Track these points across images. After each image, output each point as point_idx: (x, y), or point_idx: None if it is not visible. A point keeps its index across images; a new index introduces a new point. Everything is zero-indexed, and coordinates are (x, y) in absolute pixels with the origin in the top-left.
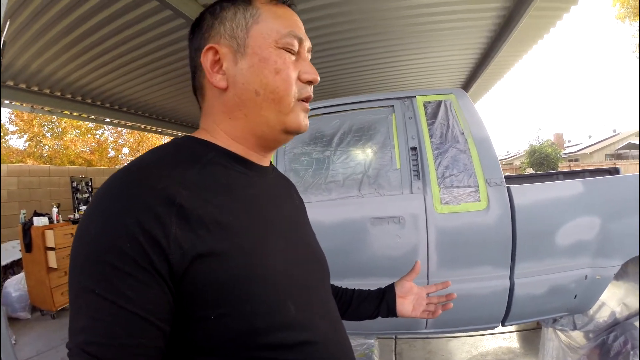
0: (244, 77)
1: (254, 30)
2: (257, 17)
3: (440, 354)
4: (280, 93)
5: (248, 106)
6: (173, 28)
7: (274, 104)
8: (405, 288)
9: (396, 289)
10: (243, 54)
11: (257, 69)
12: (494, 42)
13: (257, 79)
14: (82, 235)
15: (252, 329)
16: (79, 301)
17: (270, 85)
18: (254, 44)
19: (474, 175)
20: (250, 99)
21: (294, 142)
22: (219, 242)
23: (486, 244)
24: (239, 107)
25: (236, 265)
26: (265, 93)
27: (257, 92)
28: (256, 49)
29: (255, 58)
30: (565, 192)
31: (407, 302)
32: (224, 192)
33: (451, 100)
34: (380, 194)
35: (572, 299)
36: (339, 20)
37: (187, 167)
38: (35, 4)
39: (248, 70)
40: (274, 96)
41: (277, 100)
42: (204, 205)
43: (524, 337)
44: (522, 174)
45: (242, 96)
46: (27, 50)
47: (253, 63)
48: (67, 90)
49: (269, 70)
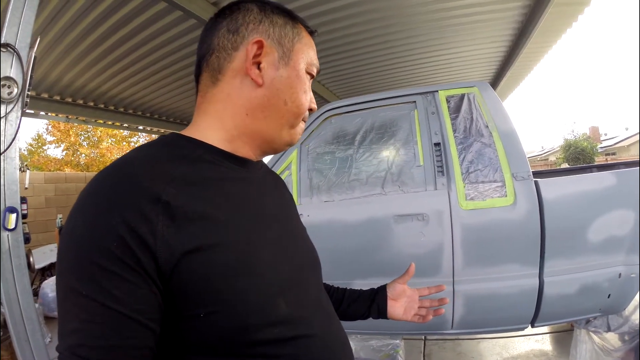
0: (281, 84)
1: (297, 47)
2: (300, 38)
3: (469, 356)
4: (301, 110)
5: (272, 111)
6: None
7: (294, 117)
8: (398, 290)
9: (388, 291)
10: (286, 63)
11: (293, 82)
12: (521, 33)
13: (290, 91)
14: (68, 235)
15: (243, 325)
16: (67, 303)
17: (297, 101)
18: (296, 59)
19: (499, 169)
20: (276, 105)
21: (317, 142)
22: (206, 239)
23: (514, 241)
24: (264, 109)
25: (224, 262)
26: (292, 106)
27: (286, 102)
28: (297, 64)
29: (294, 72)
30: (597, 185)
31: (399, 305)
32: (211, 189)
33: (474, 93)
34: (404, 191)
35: (605, 298)
36: (363, 18)
37: (173, 165)
38: (65, 20)
39: (286, 79)
40: (297, 111)
41: (297, 115)
42: (191, 202)
43: (556, 339)
44: (554, 168)
45: (272, 100)
46: (59, 64)
47: (291, 75)
48: (99, 100)
49: (300, 88)
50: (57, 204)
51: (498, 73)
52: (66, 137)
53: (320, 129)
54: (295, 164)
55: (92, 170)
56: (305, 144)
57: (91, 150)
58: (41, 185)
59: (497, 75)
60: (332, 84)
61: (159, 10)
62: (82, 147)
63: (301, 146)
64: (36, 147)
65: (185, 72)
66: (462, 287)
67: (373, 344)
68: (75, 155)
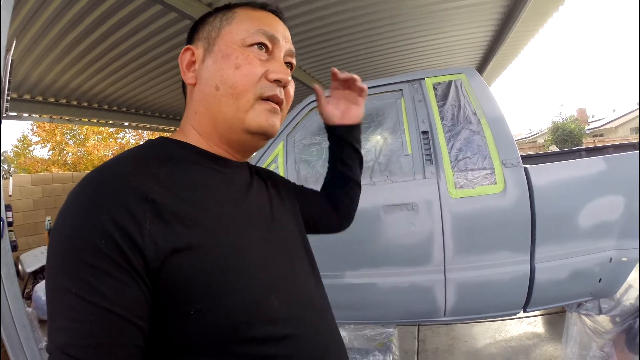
0: (208, 73)
1: (224, 30)
2: (231, 19)
3: (463, 340)
4: (238, 88)
5: (209, 101)
6: (180, 30)
7: (232, 99)
8: (335, 114)
9: (333, 120)
10: (210, 52)
11: (219, 64)
12: (507, 18)
13: (218, 74)
14: (57, 234)
15: (232, 324)
16: (56, 301)
17: (229, 80)
18: (220, 42)
19: (488, 156)
20: (210, 94)
21: (303, 133)
22: (193, 236)
23: (504, 228)
24: (202, 102)
25: (212, 259)
26: (225, 88)
27: (217, 87)
28: (222, 46)
29: (219, 55)
30: (587, 171)
31: (345, 117)
32: (197, 188)
33: (462, 80)
34: (392, 181)
35: (596, 282)
36: (347, 6)
37: (160, 165)
38: (43, 19)
39: (212, 66)
40: (232, 91)
41: (236, 96)
42: (178, 201)
43: (549, 321)
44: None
45: (204, 91)
46: (40, 64)
47: (216, 59)
48: (83, 99)
49: (229, 66)
50: (45, 205)
51: (484, 58)
52: (52, 137)
53: (306, 120)
54: (281, 156)
55: (79, 169)
56: (291, 136)
57: (78, 148)
58: (28, 188)
59: (483, 60)
60: (317, 72)
61: (139, 4)
62: (68, 145)
63: (287, 138)
64: (22, 148)
65: (168, 66)
66: (453, 275)
67: (367, 333)
68: (62, 155)
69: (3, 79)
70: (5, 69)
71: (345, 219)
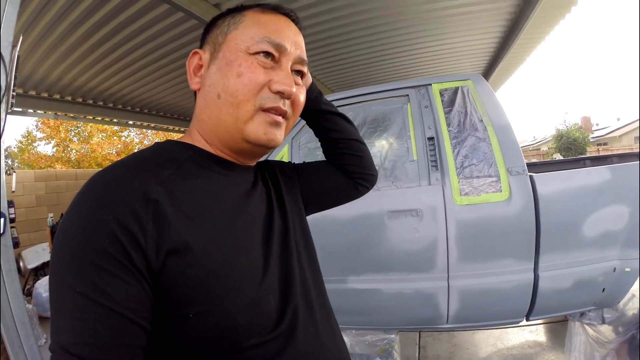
0: (211, 80)
1: (230, 35)
2: (238, 24)
3: (464, 347)
4: (238, 97)
5: (210, 108)
6: (186, 29)
7: (232, 108)
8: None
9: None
10: (215, 57)
11: (222, 72)
12: (513, 25)
13: (221, 82)
14: (62, 233)
15: (232, 326)
16: (60, 300)
17: (230, 88)
18: (225, 48)
19: (494, 164)
20: (212, 101)
21: (309, 137)
22: (194, 238)
23: (509, 236)
24: (204, 109)
25: (211, 262)
26: (225, 96)
27: (219, 95)
28: (226, 52)
29: (223, 61)
30: (592, 180)
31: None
32: (200, 191)
33: (468, 86)
34: (397, 187)
35: (600, 292)
36: (355, 10)
37: (164, 167)
38: (50, 16)
39: (215, 73)
40: (232, 100)
41: (236, 105)
42: (180, 202)
43: (551, 330)
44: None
45: (207, 98)
46: (45, 61)
47: (220, 66)
48: (88, 96)
49: (231, 74)
50: (48, 202)
51: (490, 64)
52: (56, 134)
53: None
54: (286, 159)
55: (83, 167)
56: (296, 139)
57: (82, 145)
58: (31, 184)
59: (489, 66)
60: (324, 77)
61: (146, 3)
62: (72, 143)
63: (292, 141)
64: (26, 144)
65: (174, 65)
66: (457, 282)
67: (368, 339)
68: (66, 152)
69: (9, 74)
70: (12, 65)
71: (362, 179)
